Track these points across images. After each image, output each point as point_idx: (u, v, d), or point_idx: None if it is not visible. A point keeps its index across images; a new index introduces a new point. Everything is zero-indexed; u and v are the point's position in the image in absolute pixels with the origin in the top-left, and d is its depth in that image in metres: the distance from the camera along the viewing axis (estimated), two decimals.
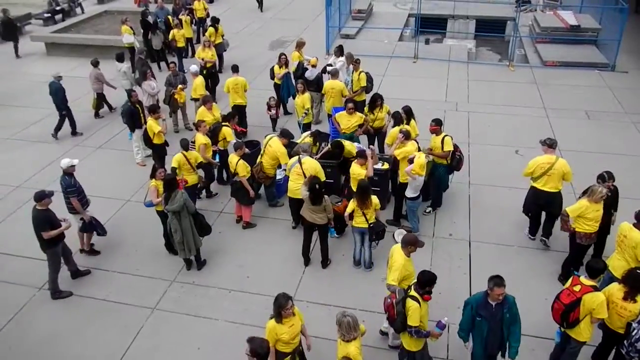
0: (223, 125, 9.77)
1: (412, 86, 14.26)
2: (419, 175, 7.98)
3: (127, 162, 11.08)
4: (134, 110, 10.67)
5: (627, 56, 15.53)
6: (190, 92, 11.93)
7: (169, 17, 16.41)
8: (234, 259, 8.34)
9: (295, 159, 8.45)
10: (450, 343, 6.57)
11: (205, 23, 17.26)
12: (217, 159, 9.85)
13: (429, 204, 9.17)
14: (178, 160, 8.64)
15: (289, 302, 5.36)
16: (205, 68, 13.15)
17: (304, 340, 5.79)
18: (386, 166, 8.95)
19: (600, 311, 5.56)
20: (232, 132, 9.90)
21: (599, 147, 11.13)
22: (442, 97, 13.72)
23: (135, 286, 7.85)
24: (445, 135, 8.63)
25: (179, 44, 15.50)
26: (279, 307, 5.34)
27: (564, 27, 16.70)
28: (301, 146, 8.68)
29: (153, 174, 8.05)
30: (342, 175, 9.36)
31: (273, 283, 7.62)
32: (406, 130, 8.53)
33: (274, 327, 5.40)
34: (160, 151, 10.11)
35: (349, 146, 8.98)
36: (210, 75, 13.28)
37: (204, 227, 7.94)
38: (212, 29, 14.88)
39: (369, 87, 11.44)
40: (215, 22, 15.14)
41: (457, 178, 9.58)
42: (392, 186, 9.27)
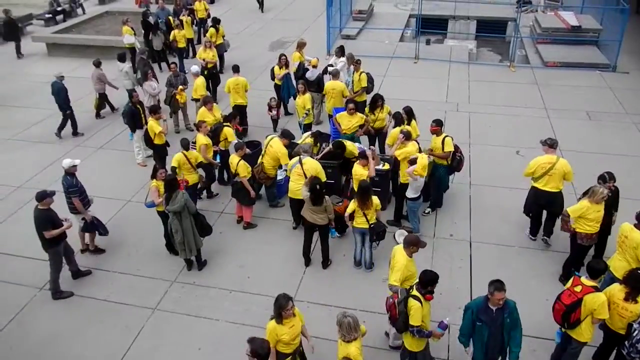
0: (224, 125, 9.78)
1: (413, 87, 14.25)
2: (421, 176, 7.98)
3: (127, 162, 11.09)
4: (135, 111, 10.68)
5: (628, 57, 15.52)
6: (191, 92, 11.96)
7: (170, 17, 16.42)
8: (234, 260, 8.35)
9: (296, 159, 8.45)
10: (450, 344, 6.56)
11: (206, 24, 17.26)
12: (218, 160, 9.86)
13: (429, 205, 9.17)
14: (178, 159, 8.65)
15: (290, 302, 5.35)
16: (206, 69, 13.16)
17: (304, 341, 5.79)
18: (387, 167, 8.95)
19: (602, 312, 5.56)
20: (234, 132, 9.90)
21: (600, 147, 11.12)
22: (443, 98, 13.72)
23: (136, 286, 7.85)
24: (445, 136, 8.62)
25: (180, 44, 15.53)
26: (280, 308, 5.34)
27: (565, 27, 16.70)
28: (302, 147, 8.68)
29: (154, 174, 8.06)
30: (343, 176, 9.36)
31: (274, 283, 7.63)
32: (407, 130, 8.53)
33: (274, 328, 5.40)
34: (161, 152, 10.11)
35: (350, 146, 8.98)
36: (211, 76, 13.30)
37: (204, 228, 7.94)
38: (212, 29, 14.90)
39: (369, 87, 11.45)
40: (216, 22, 15.16)
41: (458, 178, 9.59)
42: (392, 187, 9.27)
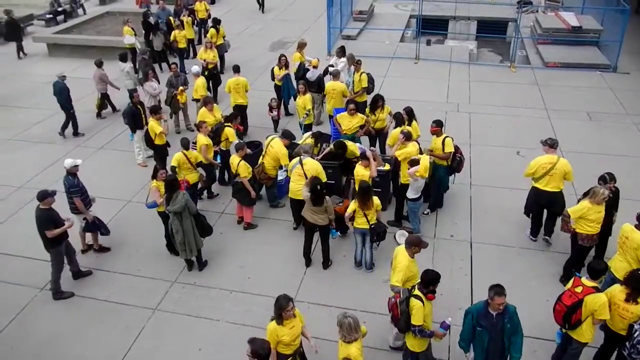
0: (225, 125, 9.79)
1: (414, 87, 14.25)
2: (423, 177, 7.98)
3: (128, 162, 11.10)
4: (136, 111, 10.68)
5: (629, 57, 15.51)
6: (192, 93, 11.96)
7: (171, 18, 16.42)
8: (235, 260, 8.35)
9: (296, 160, 8.45)
10: (451, 344, 6.56)
11: (206, 24, 17.28)
12: (219, 160, 9.87)
13: (428, 205, 9.16)
14: (178, 159, 8.67)
15: (290, 303, 5.35)
16: (207, 69, 13.16)
17: (305, 342, 5.78)
18: (387, 167, 8.94)
19: (602, 312, 5.56)
20: (234, 132, 9.91)
21: (600, 148, 11.12)
22: (444, 98, 13.71)
23: (137, 287, 7.86)
24: (446, 137, 8.62)
25: (180, 45, 15.54)
26: (280, 309, 5.33)
27: (566, 28, 16.69)
28: (302, 147, 8.68)
29: (154, 174, 8.06)
30: (344, 176, 9.36)
31: (274, 284, 7.63)
32: (407, 131, 8.53)
33: (274, 329, 5.39)
34: (161, 152, 10.12)
35: (351, 147, 8.99)
36: (212, 77, 13.30)
37: (205, 228, 7.94)
38: (213, 30, 14.92)
39: (370, 88, 11.44)
40: (216, 23, 15.17)
41: (458, 179, 9.58)
42: (393, 187, 9.27)
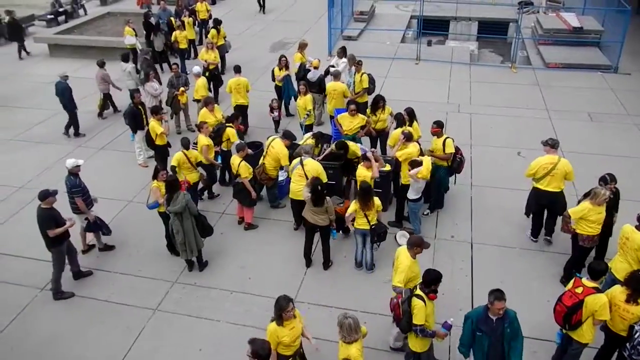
0: (227, 126, 9.79)
1: (414, 88, 14.25)
2: (425, 178, 7.99)
3: (129, 163, 11.10)
4: (136, 112, 10.69)
5: (630, 58, 15.49)
6: (193, 93, 11.96)
7: (172, 18, 16.43)
8: (235, 260, 8.35)
9: (297, 160, 8.45)
10: (451, 345, 6.55)
11: (207, 25, 17.29)
12: (219, 160, 9.87)
13: (429, 206, 9.15)
14: (178, 158, 8.69)
15: (290, 304, 5.35)
16: (208, 70, 13.17)
17: (306, 342, 5.77)
18: (388, 168, 8.94)
19: (603, 313, 5.55)
20: (236, 132, 9.91)
21: (601, 149, 11.10)
22: (445, 99, 13.71)
23: (137, 287, 7.86)
24: (446, 138, 8.63)
25: (181, 45, 15.55)
26: (280, 310, 5.33)
27: (567, 29, 16.68)
28: (303, 147, 8.68)
29: (155, 175, 8.06)
30: (345, 177, 9.36)
31: (275, 284, 7.63)
32: (408, 131, 8.52)
33: (275, 330, 5.39)
34: (162, 152, 10.12)
35: (353, 147, 8.99)
36: (213, 77, 13.30)
37: (205, 229, 7.95)
38: (214, 30, 14.93)
39: (371, 88, 11.44)
40: (217, 23, 15.17)
41: (459, 180, 9.56)
42: (394, 188, 9.27)
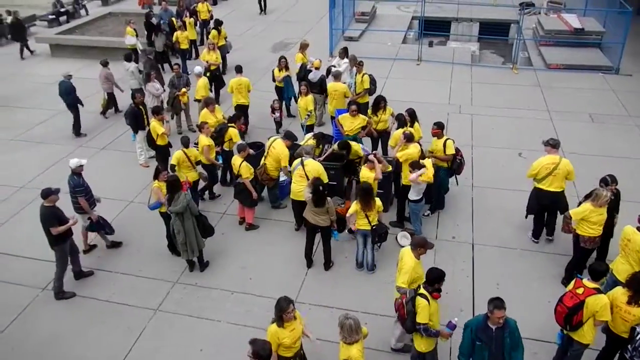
0: (229, 126, 9.80)
1: (416, 88, 14.25)
2: (430, 182, 7.99)
3: (130, 163, 11.11)
4: (138, 112, 10.69)
5: (631, 59, 15.48)
6: (194, 93, 11.96)
7: (173, 19, 16.44)
8: (236, 261, 8.34)
9: (298, 161, 8.45)
10: (452, 346, 6.55)
11: (208, 25, 17.30)
12: (220, 161, 9.87)
13: (429, 207, 9.15)
14: (178, 157, 8.71)
15: (290, 305, 5.34)
16: (209, 71, 13.17)
17: (307, 340, 5.76)
18: (389, 168, 8.94)
19: (604, 313, 5.55)
20: (238, 132, 9.91)
21: (603, 150, 11.10)
22: (446, 100, 13.70)
23: (138, 287, 7.86)
24: (447, 139, 8.63)
25: (183, 46, 15.54)
26: (280, 311, 5.33)
27: (568, 30, 16.67)
28: (304, 148, 8.68)
29: (156, 175, 8.06)
30: (346, 177, 9.36)
31: (275, 285, 7.63)
32: (409, 132, 8.52)
33: (275, 332, 5.38)
34: (163, 153, 10.11)
35: (355, 147, 9.00)
36: (214, 78, 13.29)
37: (206, 229, 7.95)
38: (214, 31, 14.92)
39: (372, 89, 11.43)
40: (218, 24, 15.17)
41: (460, 181, 9.55)
42: (394, 188, 9.27)
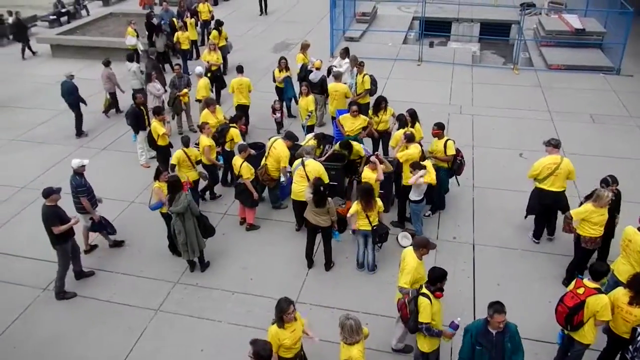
0: (231, 126, 9.80)
1: (416, 89, 14.25)
2: (432, 183, 8.00)
3: (131, 163, 11.11)
4: (138, 112, 10.71)
5: (633, 60, 15.47)
6: (195, 93, 11.97)
7: (174, 19, 16.46)
8: (237, 261, 8.35)
9: (298, 161, 8.46)
10: (454, 347, 6.54)
11: (209, 26, 17.31)
12: (221, 161, 9.88)
13: (430, 208, 9.14)
14: (178, 157, 8.73)
15: (291, 306, 5.34)
16: (210, 71, 13.18)
17: (307, 340, 5.76)
18: (390, 168, 8.93)
19: (604, 313, 5.54)
20: (239, 133, 9.91)
21: (604, 150, 11.09)
22: (447, 100, 13.70)
23: (139, 287, 7.86)
24: (447, 139, 8.63)
25: (184, 46, 15.55)
26: (281, 312, 5.32)
27: (569, 30, 16.66)
28: (305, 149, 8.68)
29: (157, 175, 8.06)
30: (347, 178, 9.36)
31: (276, 285, 7.64)
32: (409, 133, 8.52)
33: (276, 333, 5.38)
34: (164, 153, 10.11)
35: (356, 147, 9.01)
36: (215, 79, 13.29)
37: (207, 229, 7.96)
38: (215, 32, 14.93)
39: (373, 89, 11.43)
40: (218, 25, 15.18)
41: (461, 181, 9.54)
42: (395, 189, 9.26)
